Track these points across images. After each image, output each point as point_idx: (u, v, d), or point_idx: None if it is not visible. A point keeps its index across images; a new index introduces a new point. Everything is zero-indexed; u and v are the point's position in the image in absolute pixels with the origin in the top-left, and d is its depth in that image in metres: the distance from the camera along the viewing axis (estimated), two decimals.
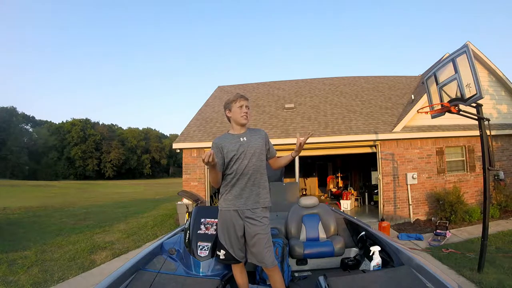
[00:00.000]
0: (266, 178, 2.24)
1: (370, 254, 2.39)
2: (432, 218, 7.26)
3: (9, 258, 4.77)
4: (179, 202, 7.30)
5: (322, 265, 2.97)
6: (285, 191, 4.62)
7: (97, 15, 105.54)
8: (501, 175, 7.70)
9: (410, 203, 7.53)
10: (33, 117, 61.11)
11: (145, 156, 67.10)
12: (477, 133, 4.44)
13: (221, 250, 2.17)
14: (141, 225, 7.89)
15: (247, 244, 2.14)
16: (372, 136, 7.65)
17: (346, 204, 9.47)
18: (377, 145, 7.78)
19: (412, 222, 7.34)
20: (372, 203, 10.15)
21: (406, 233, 6.16)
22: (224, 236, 2.16)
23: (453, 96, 4.01)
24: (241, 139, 2.18)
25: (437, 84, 4.32)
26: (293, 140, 7.41)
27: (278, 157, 2.39)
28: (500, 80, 8.53)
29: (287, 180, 7.59)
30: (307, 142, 2.24)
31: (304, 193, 13.00)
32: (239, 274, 2.23)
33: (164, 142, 70.59)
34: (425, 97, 6.99)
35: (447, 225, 6.15)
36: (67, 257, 4.95)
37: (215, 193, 9.09)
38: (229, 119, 2.27)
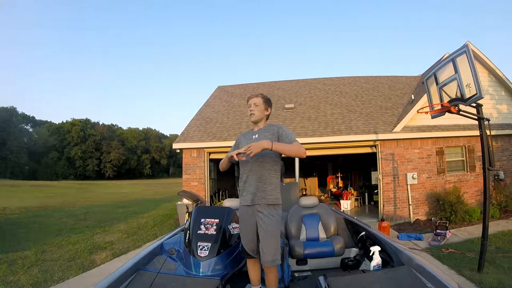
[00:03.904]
0: (275, 175, 2.26)
1: (370, 254, 2.40)
2: (432, 218, 7.26)
3: (9, 258, 4.76)
4: (179, 202, 7.30)
5: (322, 265, 2.97)
6: (285, 191, 4.62)
7: (97, 15, 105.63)
8: (501, 175, 7.69)
9: (410, 203, 7.53)
10: (33, 117, 61.19)
11: (145, 156, 67.13)
12: (477, 133, 4.44)
13: (240, 243, 2.31)
14: (141, 225, 7.89)
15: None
16: (372, 136, 7.65)
17: (346, 204, 9.47)
18: (377, 145, 7.78)
19: (412, 222, 7.34)
20: (372, 203, 10.15)
21: (406, 233, 6.15)
22: (241, 229, 2.30)
23: (453, 96, 4.01)
24: (253, 136, 2.31)
25: (437, 84, 4.32)
26: None
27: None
28: (500, 80, 8.53)
29: (287, 180, 7.59)
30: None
31: (304, 193, 13.00)
32: (252, 268, 2.31)
33: (164, 142, 70.65)
34: (425, 97, 6.99)
35: (447, 225, 6.14)
36: (67, 257, 4.95)
37: (215, 193, 9.10)
38: None
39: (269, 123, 2.41)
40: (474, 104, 3.94)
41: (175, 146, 8.29)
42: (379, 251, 2.37)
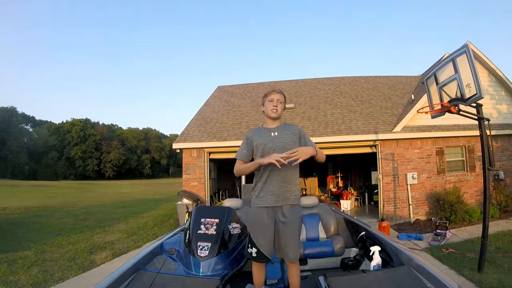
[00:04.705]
0: (297, 175, 2.23)
1: (370, 254, 2.39)
2: (432, 218, 7.26)
3: (9, 258, 4.76)
4: (179, 202, 7.30)
5: (322, 265, 2.97)
6: None
7: (97, 15, 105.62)
8: (501, 175, 7.69)
9: (410, 203, 7.53)
10: (33, 117, 61.19)
11: (145, 156, 67.11)
12: (477, 133, 4.44)
13: (253, 248, 2.15)
14: (141, 225, 7.89)
15: (275, 238, 2.17)
16: (372, 136, 7.65)
17: (346, 204, 9.47)
18: (377, 145, 7.78)
19: (412, 222, 7.34)
20: (372, 203, 10.15)
21: (406, 233, 6.15)
22: (255, 233, 2.16)
23: (453, 96, 4.01)
24: (272, 133, 2.19)
25: (437, 84, 4.32)
26: None
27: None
28: (500, 80, 8.53)
29: None
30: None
31: (304, 193, 13.00)
32: (257, 272, 2.24)
33: (164, 142, 70.65)
34: (425, 97, 6.99)
35: (447, 225, 6.14)
36: (67, 257, 4.95)
37: (215, 193, 9.10)
38: (263, 112, 2.30)
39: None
40: (474, 104, 3.94)
41: (175, 146, 8.29)
42: (379, 251, 2.37)
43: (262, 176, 2.15)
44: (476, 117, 4.07)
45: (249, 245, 2.19)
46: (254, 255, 2.15)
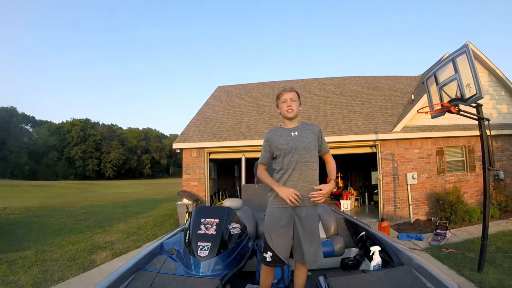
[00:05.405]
0: (317, 175, 2.18)
1: (370, 254, 2.39)
2: (432, 218, 7.26)
3: (9, 258, 4.76)
4: (179, 202, 7.30)
5: (322, 265, 2.96)
6: None
7: (97, 15, 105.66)
8: (501, 175, 7.69)
9: (410, 203, 7.52)
10: (33, 117, 61.17)
11: (145, 156, 67.11)
12: (477, 133, 4.44)
13: (268, 252, 2.06)
14: (141, 225, 7.88)
15: (294, 240, 2.09)
16: (372, 136, 7.65)
17: (346, 204, 9.47)
18: (377, 145, 7.77)
19: (412, 222, 7.34)
20: (372, 203, 10.15)
21: (406, 233, 6.15)
22: (273, 236, 2.06)
23: (453, 96, 4.01)
24: (293, 133, 2.15)
25: (437, 84, 4.32)
26: None
27: (329, 155, 2.34)
28: (500, 80, 8.53)
29: None
30: None
31: None
32: (267, 275, 2.17)
33: (164, 142, 70.66)
34: (425, 97, 6.99)
35: (447, 225, 6.14)
36: (67, 257, 4.95)
37: (215, 193, 9.10)
38: (280, 114, 2.27)
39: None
40: (474, 104, 3.94)
41: (175, 146, 8.29)
42: (379, 251, 2.37)
43: (282, 176, 2.08)
44: (476, 117, 4.07)
45: (264, 249, 2.09)
46: (268, 259, 2.06)
